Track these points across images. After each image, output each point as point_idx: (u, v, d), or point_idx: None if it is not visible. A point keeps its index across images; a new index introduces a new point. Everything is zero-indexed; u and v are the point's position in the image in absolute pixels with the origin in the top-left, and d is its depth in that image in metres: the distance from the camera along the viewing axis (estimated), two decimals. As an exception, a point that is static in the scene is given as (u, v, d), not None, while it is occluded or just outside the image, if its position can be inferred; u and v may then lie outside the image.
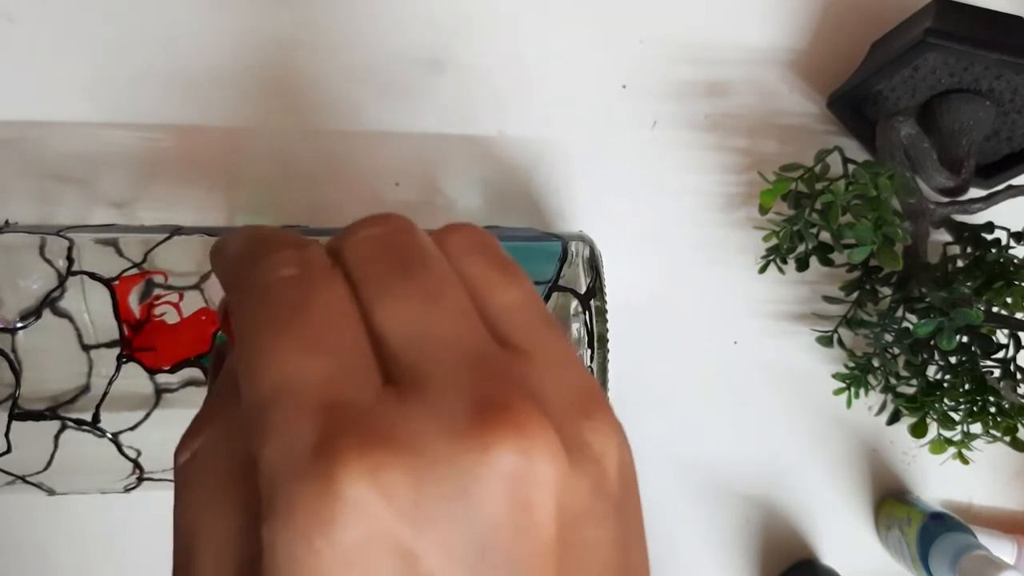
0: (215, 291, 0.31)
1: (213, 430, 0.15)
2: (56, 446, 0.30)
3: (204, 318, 0.30)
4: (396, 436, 0.13)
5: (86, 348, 0.30)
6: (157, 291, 0.31)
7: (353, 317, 0.14)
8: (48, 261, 0.30)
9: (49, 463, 0.30)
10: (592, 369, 0.31)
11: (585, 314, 0.31)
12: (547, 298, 0.31)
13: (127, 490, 0.32)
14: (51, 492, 0.32)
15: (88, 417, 0.29)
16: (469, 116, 0.43)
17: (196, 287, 0.31)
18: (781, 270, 0.43)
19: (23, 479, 0.31)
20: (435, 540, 0.12)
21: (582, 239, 0.34)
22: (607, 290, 0.33)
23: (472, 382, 0.14)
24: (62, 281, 0.30)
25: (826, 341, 0.44)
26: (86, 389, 0.30)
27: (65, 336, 0.29)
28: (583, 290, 0.32)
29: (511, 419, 0.13)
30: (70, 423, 0.29)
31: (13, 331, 0.29)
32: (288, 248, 0.16)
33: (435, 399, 0.13)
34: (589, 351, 0.31)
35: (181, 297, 0.31)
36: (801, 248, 0.42)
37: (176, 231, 0.33)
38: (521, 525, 0.13)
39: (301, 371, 0.13)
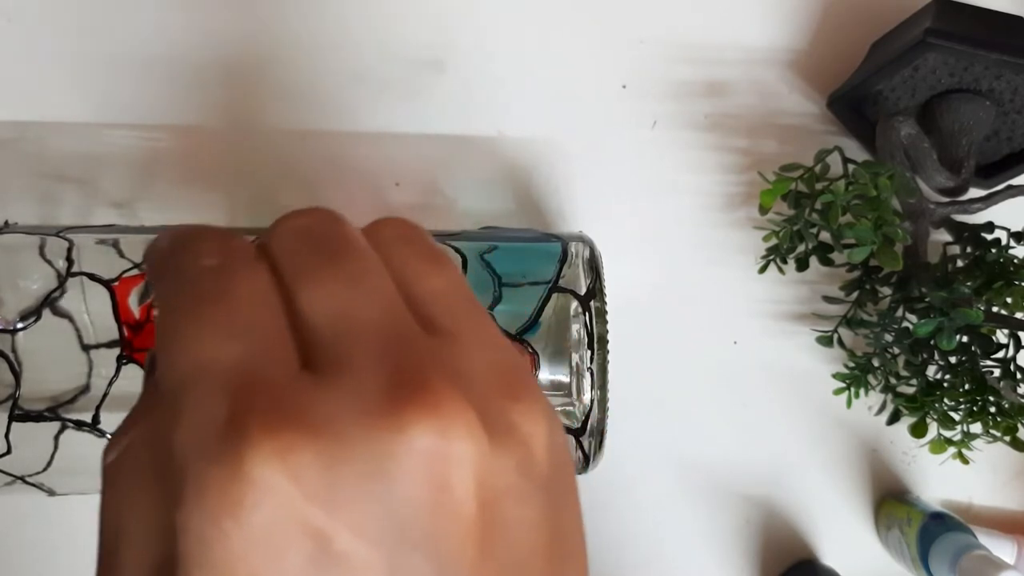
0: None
1: (139, 428, 0.15)
2: (56, 446, 0.30)
3: None
4: (307, 416, 0.13)
5: (86, 348, 0.30)
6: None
7: (273, 304, 0.15)
8: (48, 262, 0.30)
9: (49, 463, 0.30)
10: (592, 371, 0.31)
11: (585, 315, 0.31)
12: (547, 299, 0.31)
13: None
14: (51, 493, 0.32)
15: (88, 418, 0.29)
16: (469, 116, 0.43)
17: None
18: (781, 270, 0.43)
19: (23, 479, 0.31)
20: (349, 521, 0.12)
21: (582, 240, 0.34)
22: (607, 290, 0.33)
23: (389, 362, 0.13)
24: (62, 282, 0.30)
25: (826, 341, 0.44)
26: (86, 389, 0.30)
27: (65, 336, 0.29)
28: (583, 291, 0.32)
29: (427, 398, 0.13)
30: (70, 424, 0.29)
31: (13, 332, 0.29)
32: (212, 239, 0.16)
33: (351, 380, 0.13)
34: (589, 352, 0.31)
35: None
36: (801, 248, 0.42)
37: None
38: (439, 504, 0.13)
39: (215, 354, 0.13)
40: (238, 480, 0.12)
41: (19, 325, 0.29)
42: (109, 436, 0.30)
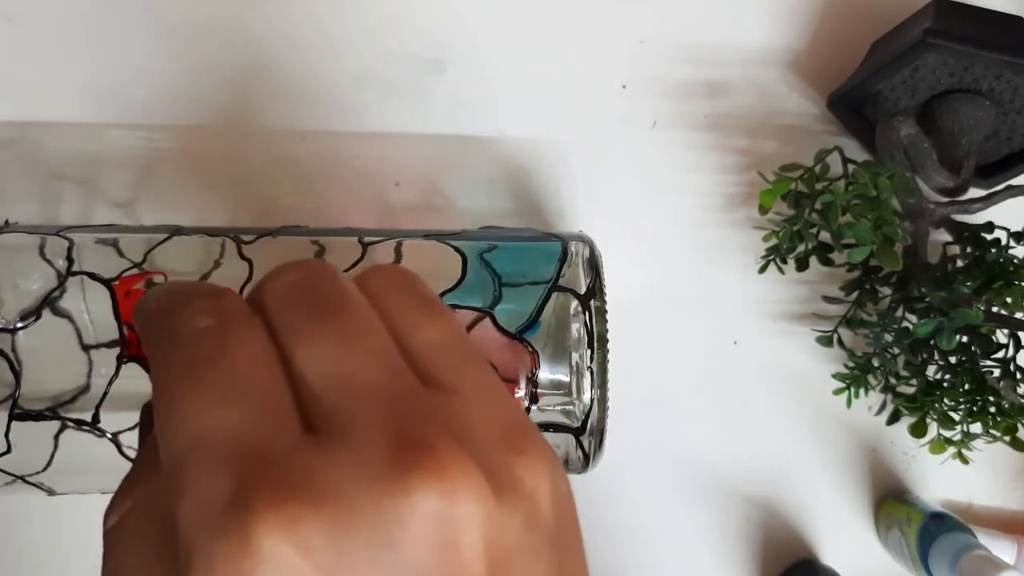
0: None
1: (140, 492, 0.14)
2: (56, 446, 0.30)
3: None
4: (313, 486, 0.12)
5: (86, 348, 0.30)
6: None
7: (271, 365, 0.14)
8: (48, 261, 0.30)
9: (49, 463, 0.30)
10: (592, 370, 0.31)
11: (585, 314, 0.31)
12: (547, 298, 0.31)
13: None
14: (51, 492, 0.32)
15: (88, 417, 0.29)
16: (469, 116, 0.43)
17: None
18: (781, 270, 0.43)
19: (23, 479, 0.31)
20: None
21: (582, 239, 0.34)
22: (607, 290, 0.33)
23: (391, 423, 0.13)
24: (62, 281, 0.30)
25: (826, 341, 0.44)
26: (86, 389, 0.30)
27: (65, 336, 0.29)
28: (583, 290, 0.32)
29: (431, 459, 0.13)
30: (70, 423, 0.29)
31: (13, 331, 0.29)
32: (205, 298, 0.15)
33: (354, 444, 0.13)
34: (589, 351, 0.31)
35: None
36: (801, 248, 0.42)
37: (176, 231, 0.33)
38: (448, 567, 0.13)
39: (215, 422, 0.13)
40: (247, 554, 0.12)
41: (19, 325, 0.29)
42: (111, 436, 0.30)
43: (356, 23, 0.43)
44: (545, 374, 0.31)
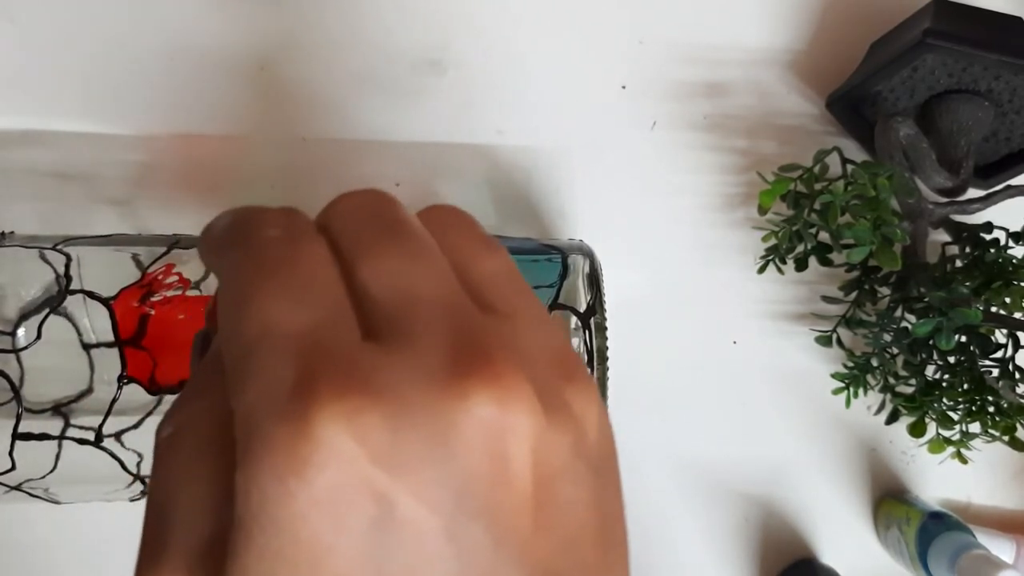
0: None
1: (196, 403, 0.15)
2: (58, 459, 0.30)
3: None
4: (375, 382, 0.13)
5: (88, 349, 0.30)
6: (156, 299, 0.31)
7: (338, 277, 0.15)
8: (46, 276, 0.30)
9: (53, 470, 0.30)
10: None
11: (585, 332, 0.32)
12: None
13: (132, 500, 0.32)
14: (56, 502, 0.32)
15: (91, 422, 0.29)
16: (469, 117, 0.44)
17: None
18: (780, 270, 0.43)
19: (28, 492, 0.31)
20: (411, 487, 0.12)
21: (581, 251, 0.34)
22: (607, 290, 0.33)
23: (451, 334, 0.14)
24: (61, 299, 0.30)
25: (825, 341, 0.44)
26: (88, 392, 0.30)
27: (66, 351, 0.29)
28: (583, 307, 0.32)
29: (488, 368, 0.13)
30: (73, 441, 0.29)
31: (15, 351, 0.29)
32: (274, 213, 0.16)
33: (415, 349, 0.13)
34: (589, 368, 0.31)
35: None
36: (800, 248, 0.42)
37: (175, 243, 0.33)
38: (497, 475, 0.13)
39: (283, 318, 0.13)
40: (305, 439, 0.12)
41: (20, 344, 0.29)
42: (112, 453, 0.30)
43: (356, 27, 0.43)
44: None
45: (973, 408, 0.40)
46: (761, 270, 0.43)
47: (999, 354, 0.40)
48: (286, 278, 0.14)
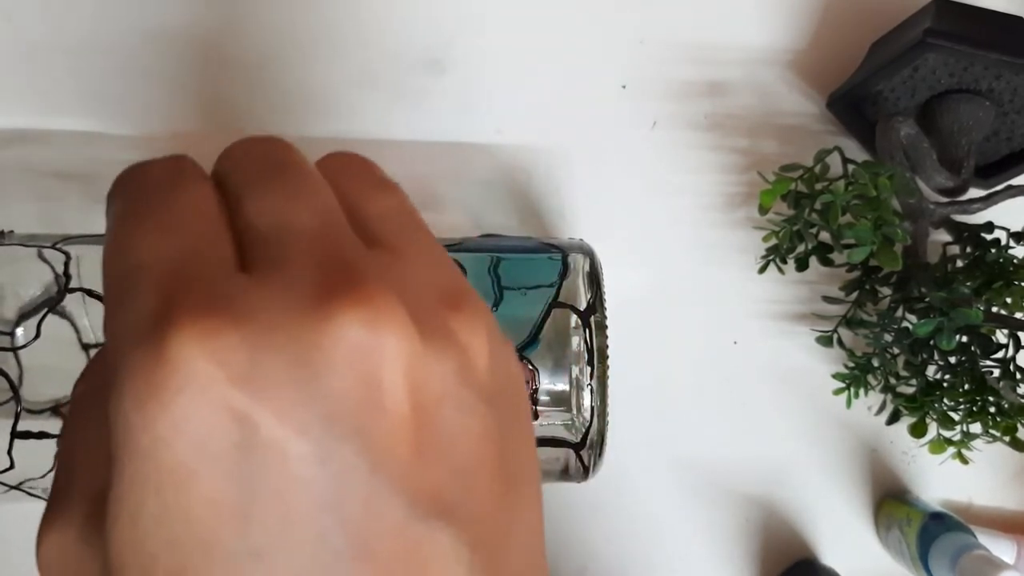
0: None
1: (103, 359, 0.15)
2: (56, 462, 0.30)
3: None
4: (237, 307, 0.12)
5: (87, 349, 0.30)
6: None
7: (213, 211, 0.15)
8: (46, 275, 0.30)
9: (52, 469, 0.30)
10: (592, 387, 0.31)
11: (585, 331, 0.31)
12: (547, 315, 0.31)
13: None
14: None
15: None
16: (469, 117, 0.43)
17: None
18: (781, 270, 0.43)
19: (27, 492, 0.31)
20: (273, 408, 0.12)
21: (582, 249, 0.34)
22: (607, 290, 0.33)
23: (325, 263, 0.13)
24: (60, 298, 0.30)
25: (826, 341, 0.44)
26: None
27: (65, 350, 0.29)
28: (583, 306, 0.32)
29: (358, 291, 0.13)
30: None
31: (14, 350, 0.29)
32: (162, 161, 0.16)
33: (284, 276, 0.13)
34: (589, 368, 0.31)
35: None
36: (801, 248, 0.42)
37: None
38: (367, 397, 0.13)
39: (152, 251, 0.13)
40: (161, 363, 0.12)
41: (19, 343, 0.29)
42: None
43: (355, 26, 0.43)
44: (545, 389, 0.31)
45: (974, 408, 0.40)
46: (762, 270, 0.43)
47: (1000, 354, 0.40)
48: (160, 215, 0.14)
